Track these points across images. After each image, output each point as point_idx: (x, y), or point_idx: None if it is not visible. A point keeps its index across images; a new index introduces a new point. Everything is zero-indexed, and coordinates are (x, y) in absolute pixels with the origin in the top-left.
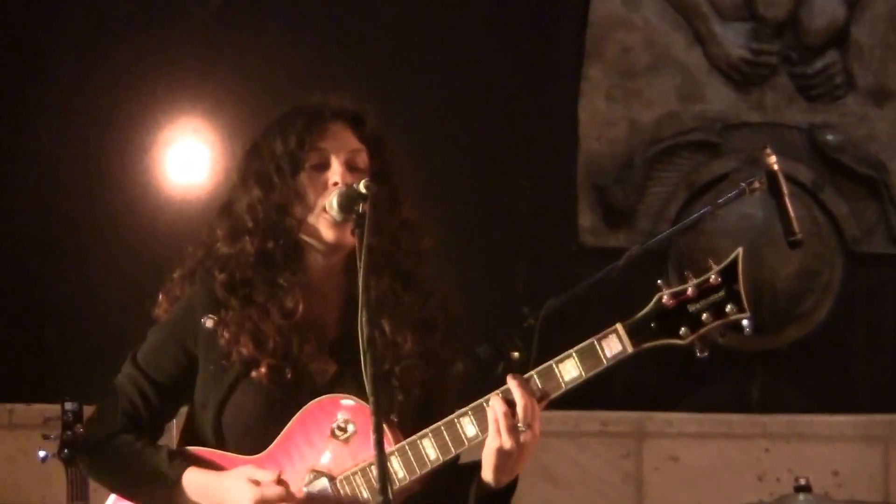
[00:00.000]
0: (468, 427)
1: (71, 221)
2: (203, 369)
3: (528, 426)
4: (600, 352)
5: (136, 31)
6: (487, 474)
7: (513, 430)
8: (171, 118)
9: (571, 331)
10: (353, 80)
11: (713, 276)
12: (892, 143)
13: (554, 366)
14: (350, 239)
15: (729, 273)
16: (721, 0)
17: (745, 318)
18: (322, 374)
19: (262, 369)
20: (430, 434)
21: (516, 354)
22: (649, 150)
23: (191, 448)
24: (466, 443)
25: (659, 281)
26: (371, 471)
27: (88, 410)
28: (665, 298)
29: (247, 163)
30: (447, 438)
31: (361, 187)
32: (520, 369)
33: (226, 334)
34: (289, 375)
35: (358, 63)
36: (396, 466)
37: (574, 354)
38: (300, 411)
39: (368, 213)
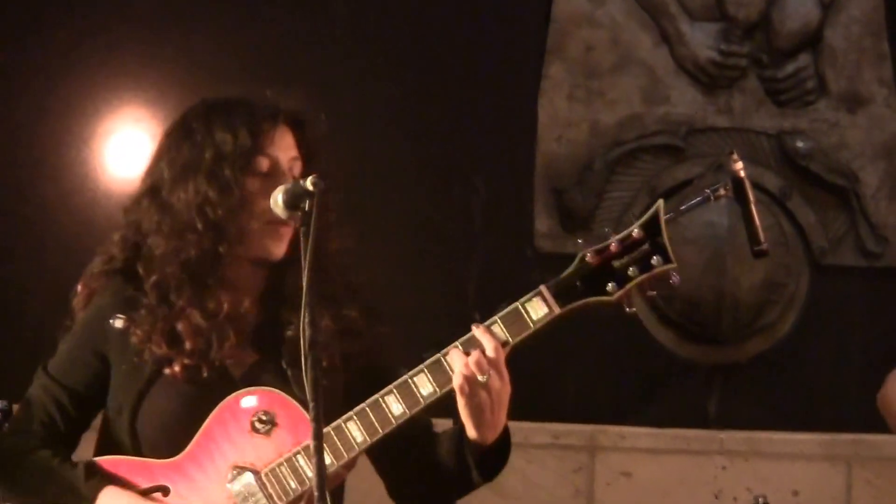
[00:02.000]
0: (394, 406)
1: (2, 211)
2: (116, 371)
3: (491, 371)
4: (525, 315)
5: (77, 14)
6: (472, 433)
7: (473, 379)
8: (111, 107)
9: (523, 340)
10: (305, 71)
11: (636, 231)
12: (864, 152)
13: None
14: (283, 251)
15: (652, 226)
16: None
17: (672, 269)
18: (240, 367)
19: (177, 367)
20: (354, 417)
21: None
22: (610, 153)
23: (108, 458)
24: (394, 421)
25: (580, 241)
26: (297, 460)
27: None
28: (589, 256)
29: (181, 150)
30: (373, 419)
31: (308, 184)
32: None
33: (138, 332)
34: (205, 373)
35: (310, 54)
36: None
37: (498, 321)
38: (217, 408)
39: (315, 211)
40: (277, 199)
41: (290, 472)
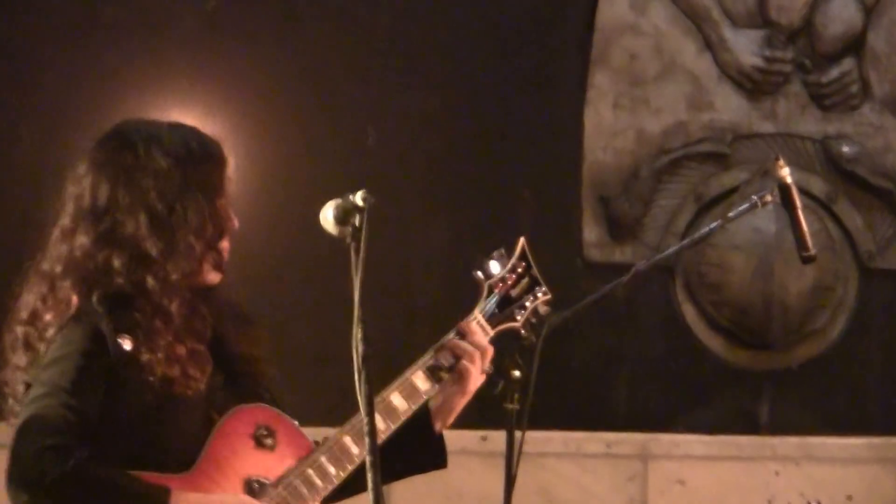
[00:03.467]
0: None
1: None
2: (123, 390)
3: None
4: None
5: (123, 37)
6: (440, 426)
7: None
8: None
9: (574, 347)
10: (351, 89)
11: (518, 264)
12: None
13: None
14: None
15: (526, 259)
16: (733, 5)
17: (549, 299)
18: (214, 390)
19: (182, 382)
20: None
21: (517, 373)
22: (657, 160)
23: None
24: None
25: (478, 272)
26: (307, 471)
27: None
28: (495, 287)
29: (171, 174)
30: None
31: (358, 199)
32: (521, 389)
33: (146, 354)
34: (199, 388)
35: (356, 70)
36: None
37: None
38: (219, 424)
39: (365, 226)
40: (328, 215)
41: (302, 482)
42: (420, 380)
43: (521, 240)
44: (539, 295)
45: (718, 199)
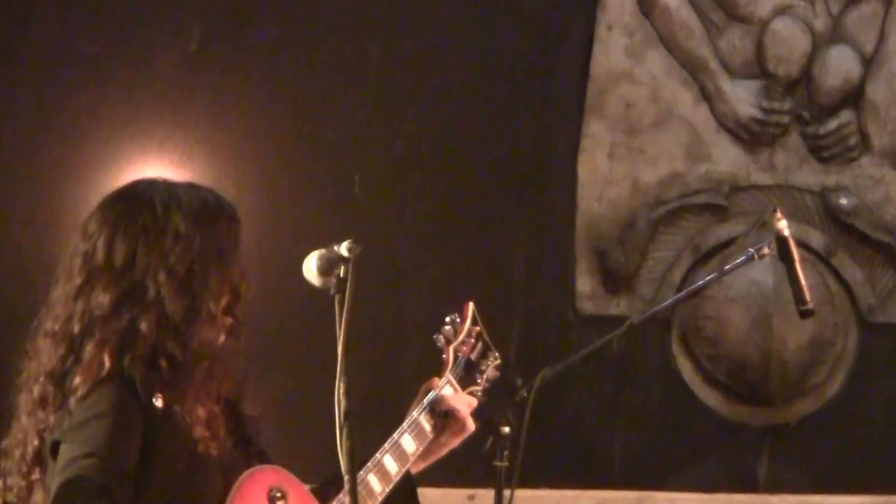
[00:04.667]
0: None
1: (22, 276)
2: (158, 450)
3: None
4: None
5: (102, 75)
6: (417, 468)
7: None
8: (136, 169)
9: (565, 402)
10: (338, 136)
11: (471, 328)
12: None
13: (419, 417)
14: None
15: (477, 323)
16: (730, 56)
17: (498, 364)
18: (226, 446)
19: (208, 443)
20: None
21: (506, 429)
22: (653, 211)
23: None
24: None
25: (440, 336)
26: None
27: None
28: (459, 350)
29: (194, 239)
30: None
31: (343, 250)
32: (510, 445)
33: (178, 414)
34: (224, 451)
35: (343, 117)
36: None
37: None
38: (236, 486)
39: (350, 277)
40: (311, 266)
41: None
42: (407, 441)
43: (470, 304)
44: (491, 359)
45: (715, 251)
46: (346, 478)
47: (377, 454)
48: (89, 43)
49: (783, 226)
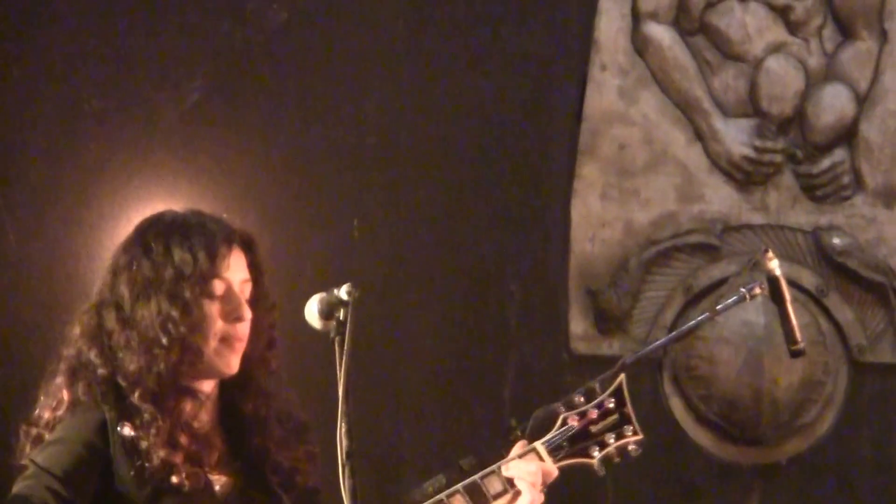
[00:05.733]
0: None
1: (38, 329)
2: (122, 477)
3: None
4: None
5: (108, 128)
6: None
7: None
8: (143, 217)
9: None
10: (336, 180)
11: (607, 399)
12: None
13: (480, 480)
14: (237, 367)
15: (619, 396)
16: (723, 95)
17: (639, 441)
18: (221, 488)
19: (182, 473)
20: None
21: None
22: (645, 252)
23: None
24: None
25: (556, 403)
26: None
27: None
28: (571, 420)
29: (140, 267)
30: None
31: (343, 294)
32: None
33: (144, 441)
34: (203, 483)
35: (341, 163)
36: None
37: (497, 469)
38: None
39: (350, 320)
40: (312, 309)
41: None
42: (458, 502)
43: (622, 376)
44: (628, 434)
45: (707, 291)
46: None
47: None
48: (96, 98)
49: (774, 266)
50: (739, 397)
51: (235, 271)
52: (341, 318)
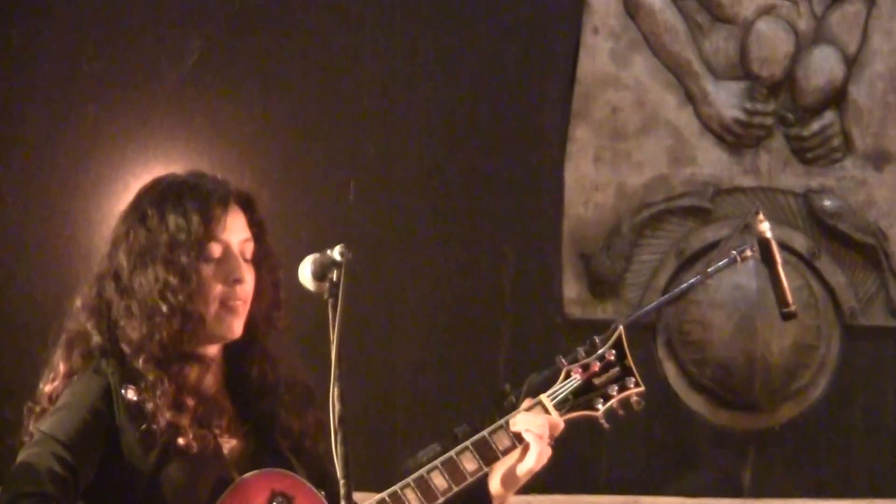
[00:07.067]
0: (413, 500)
1: (34, 291)
2: (127, 441)
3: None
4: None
5: (106, 92)
6: (502, 499)
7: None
8: (140, 181)
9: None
10: (333, 144)
11: (608, 352)
12: (892, 210)
13: (488, 436)
14: (240, 330)
15: (619, 348)
16: (714, 58)
17: (641, 393)
18: (230, 451)
19: (189, 435)
20: (412, 483)
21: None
22: (638, 216)
23: None
24: (440, 496)
25: (558, 356)
26: None
27: None
28: (574, 373)
29: (137, 235)
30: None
31: (336, 255)
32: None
33: (150, 403)
34: (211, 446)
35: (338, 126)
36: None
37: (504, 424)
38: (233, 486)
39: (343, 281)
40: (305, 271)
41: None
42: (468, 459)
43: (620, 328)
44: (630, 386)
45: (700, 255)
46: (341, 482)
47: (423, 470)
48: (94, 61)
49: (765, 228)
50: (733, 362)
51: (234, 231)
52: (334, 279)
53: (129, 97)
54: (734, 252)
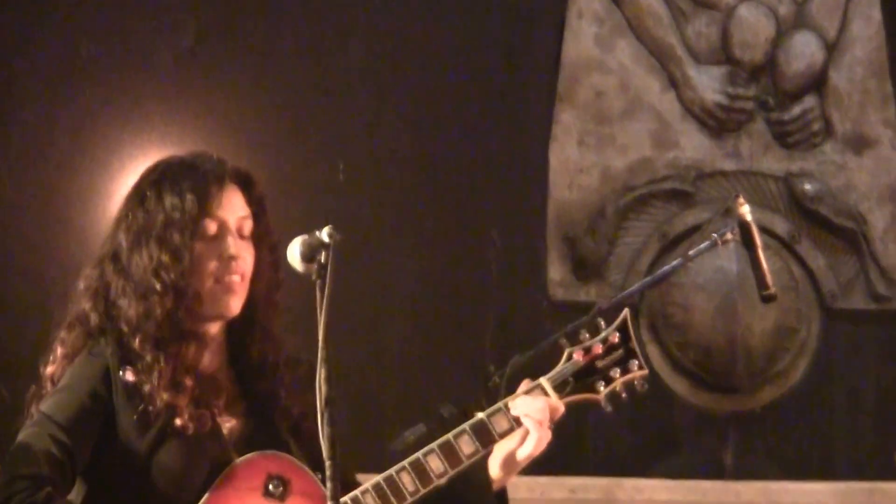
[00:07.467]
0: (408, 483)
1: (32, 272)
2: (124, 422)
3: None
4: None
5: (103, 74)
6: (502, 479)
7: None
8: (137, 163)
9: None
10: (323, 125)
11: (612, 335)
12: (872, 194)
13: (486, 419)
14: (238, 307)
15: (624, 331)
16: (696, 43)
17: (645, 376)
18: (229, 431)
19: (186, 415)
20: (371, 490)
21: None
22: (621, 199)
23: None
24: (409, 497)
25: (563, 339)
26: None
27: None
28: (576, 355)
29: (135, 216)
30: (388, 493)
31: (324, 236)
32: None
33: (147, 384)
34: (209, 424)
35: (328, 107)
36: None
37: (503, 407)
38: (229, 468)
39: (331, 263)
40: (294, 251)
41: None
42: (465, 442)
43: (625, 311)
44: (633, 369)
45: (682, 238)
46: (327, 464)
47: (419, 453)
48: (91, 43)
49: (746, 211)
50: (714, 344)
51: (230, 209)
52: (322, 260)
53: (125, 80)
54: (715, 235)
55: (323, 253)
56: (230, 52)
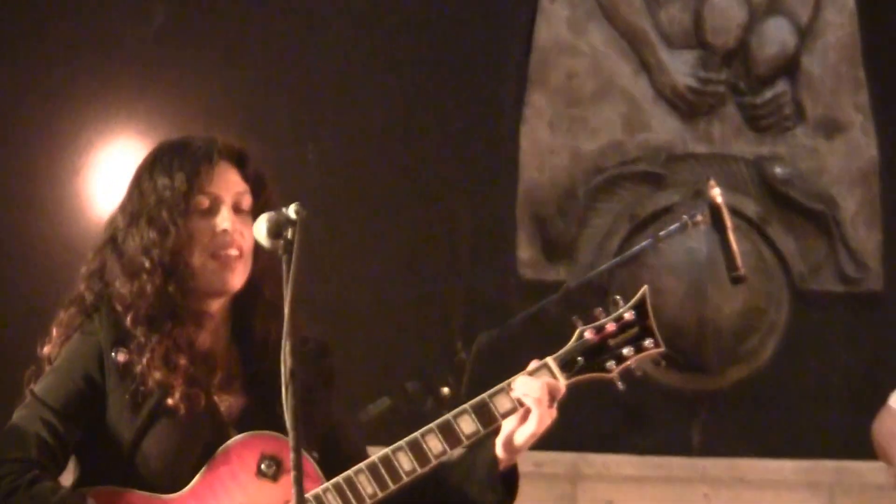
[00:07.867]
0: (405, 463)
1: None
2: (115, 402)
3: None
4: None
5: (70, 53)
6: (508, 458)
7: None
8: (103, 139)
9: (505, 366)
10: (290, 107)
11: (627, 312)
12: (842, 178)
13: (488, 399)
14: (237, 283)
15: (640, 309)
16: (669, 27)
17: (661, 353)
18: (228, 409)
19: (177, 395)
20: (365, 469)
21: (446, 390)
22: (592, 180)
23: (111, 490)
24: (405, 477)
25: (575, 317)
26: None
27: None
28: (588, 334)
29: (131, 199)
30: (383, 473)
31: (291, 212)
32: (449, 405)
33: (139, 364)
34: (202, 403)
35: (295, 90)
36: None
37: (506, 387)
38: (222, 448)
39: (297, 239)
40: (261, 227)
41: None
42: (465, 423)
43: (644, 289)
44: (649, 346)
45: (652, 220)
46: (290, 434)
47: (418, 432)
48: (58, 20)
49: (716, 193)
50: (684, 324)
51: (224, 185)
52: (289, 236)
53: (93, 60)
54: (685, 217)
55: (290, 229)
56: (199, 31)
